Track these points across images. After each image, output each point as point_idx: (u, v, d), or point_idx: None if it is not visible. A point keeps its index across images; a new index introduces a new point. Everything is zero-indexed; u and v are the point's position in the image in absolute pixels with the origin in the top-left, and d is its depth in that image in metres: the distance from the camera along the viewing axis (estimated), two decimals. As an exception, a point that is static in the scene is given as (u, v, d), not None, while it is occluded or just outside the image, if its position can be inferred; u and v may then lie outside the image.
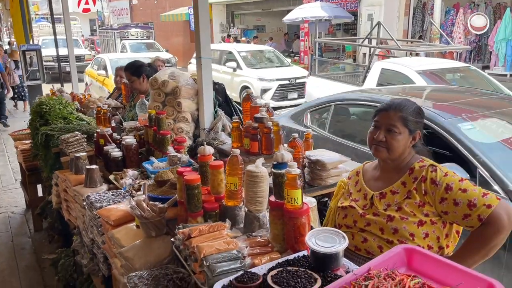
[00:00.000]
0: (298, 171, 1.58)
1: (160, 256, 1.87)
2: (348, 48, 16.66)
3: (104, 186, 2.77)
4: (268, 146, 2.35)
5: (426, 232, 1.81)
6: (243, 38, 20.69)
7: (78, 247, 3.05)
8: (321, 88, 8.97)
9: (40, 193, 4.81)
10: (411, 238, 1.79)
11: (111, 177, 2.84)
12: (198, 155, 2.03)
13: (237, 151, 1.87)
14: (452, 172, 1.85)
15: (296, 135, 2.51)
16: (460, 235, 1.91)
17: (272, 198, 1.71)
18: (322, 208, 2.50)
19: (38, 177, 4.55)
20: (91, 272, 2.86)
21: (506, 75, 12.60)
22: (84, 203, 2.49)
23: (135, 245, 1.92)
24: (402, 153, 1.90)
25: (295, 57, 19.24)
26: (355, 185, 2.06)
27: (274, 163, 1.71)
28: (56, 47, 7.85)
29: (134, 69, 4.02)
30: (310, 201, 1.79)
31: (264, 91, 11.66)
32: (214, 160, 2.03)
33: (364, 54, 15.29)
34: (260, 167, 1.80)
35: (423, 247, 1.73)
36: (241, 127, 2.48)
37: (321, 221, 2.26)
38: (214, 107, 3.38)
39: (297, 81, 12.02)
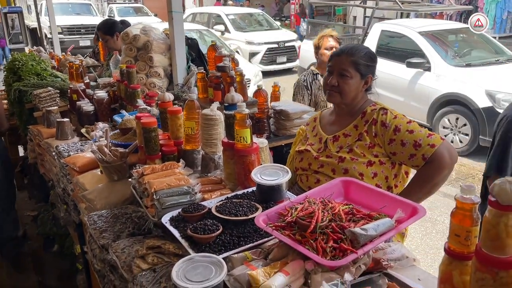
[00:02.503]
0: (247, 111, 1.63)
1: (121, 197, 1.94)
2: (339, 11, 16.45)
3: (76, 139, 2.82)
4: (231, 95, 2.39)
5: (374, 172, 1.89)
6: (230, 2, 20.18)
7: (55, 201, 3.13)
8: (316, 52, 8.78)
9: (21, 153, 4.85)
10: (360, 178, 1.87)
11: (83, 130, 2.89)
12: (158, 102, 2.07)
13: (194, 96, 1.91)
14: (401, 115, 1.92)
15: (262, 85, 2.54)
16: (408, 176, 2.00)
17: (225, 139, 1.77)
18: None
19: (18, 136, 4.57)
20: (67, 224, 2.96)
21: (495, 37, 12.53)
22: (54, 153, 2.54)
23: (97, 187, 1.99)
24: (354, 97, 1.95)
25: (286, 21, 18.98)
26: (312, 130, 2.12)
27: (225, 104, 1.76)
28: (36, 7, 7.65)
29: (107, 28, 4.00)
30: (262, 142, 1.85)
31: (252, 54, 11.55)
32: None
33: (355, 17, 15.10)
34: (214, 110, 1.85)
35: (371, 186, 1.81)
36: (206, 78, 2.51)
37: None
38: (187, 63, 3.39)
39: (286, 44, 11.92)
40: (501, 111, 5.57)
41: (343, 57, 1.91)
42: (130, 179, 1.79)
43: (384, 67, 6.60)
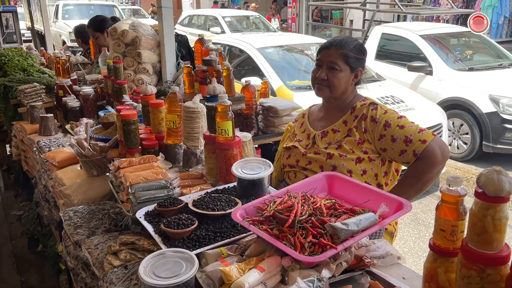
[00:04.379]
0: (228, 102, 1.56)
1: (100, 193, 1.87)
2: (335, 15, 16.45)
3: (60, 135, 2.75)
4: (218, 90, 2.32)
5: (364, 169, 1.82)
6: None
7: (39, 199, 3.05)
8: (316, 55, 8.59)
9: (9, 152, 4.76)
10: (348, 175, 1.80)
11: (67, 126, 2.81)
12: (141, 94, 2.00)
13: (176, 88, 1.85)
14: (392, 110, 1.85)
15: (250, 80, 2.48)
16: (399, 173, 1.93)
17: (207, 133, 1.70)
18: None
19: (6, 134, 4.48)
20: (51, 222, 2.88)
21: (491, 43, 12.53)
22: (35, 149, 2.47)
23: (76, 182, 1.92)
24: (344, 91, 1.89)
25: (283, 25, 18.94)
26: (301, 126, 2.06)
27: (207, 96, 1.69)
28: (30, 5, 7.57)
29: (97, 25, 3.92)
30: (245, 135, 1.78)
31: (248, 57, 11.48)
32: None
33: (351, 21, 15.08)
34: (197, 103, 1.78)
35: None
36: (192, 72, 2.45)
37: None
38: (177, 59, 3.33)
39: (283, 47, 11.85)
40: (505, 116, 5.52)
41: (332, 50, 1.84)
42: (107, 173, 1.72)
43: (385, 71, 6.53)
